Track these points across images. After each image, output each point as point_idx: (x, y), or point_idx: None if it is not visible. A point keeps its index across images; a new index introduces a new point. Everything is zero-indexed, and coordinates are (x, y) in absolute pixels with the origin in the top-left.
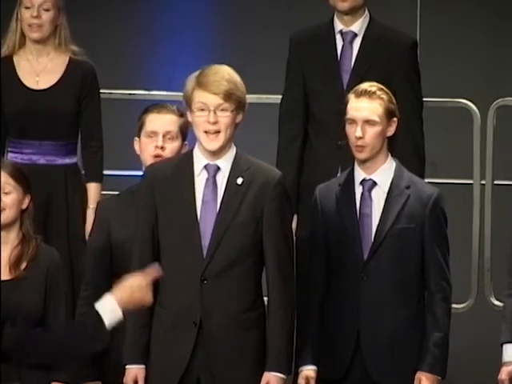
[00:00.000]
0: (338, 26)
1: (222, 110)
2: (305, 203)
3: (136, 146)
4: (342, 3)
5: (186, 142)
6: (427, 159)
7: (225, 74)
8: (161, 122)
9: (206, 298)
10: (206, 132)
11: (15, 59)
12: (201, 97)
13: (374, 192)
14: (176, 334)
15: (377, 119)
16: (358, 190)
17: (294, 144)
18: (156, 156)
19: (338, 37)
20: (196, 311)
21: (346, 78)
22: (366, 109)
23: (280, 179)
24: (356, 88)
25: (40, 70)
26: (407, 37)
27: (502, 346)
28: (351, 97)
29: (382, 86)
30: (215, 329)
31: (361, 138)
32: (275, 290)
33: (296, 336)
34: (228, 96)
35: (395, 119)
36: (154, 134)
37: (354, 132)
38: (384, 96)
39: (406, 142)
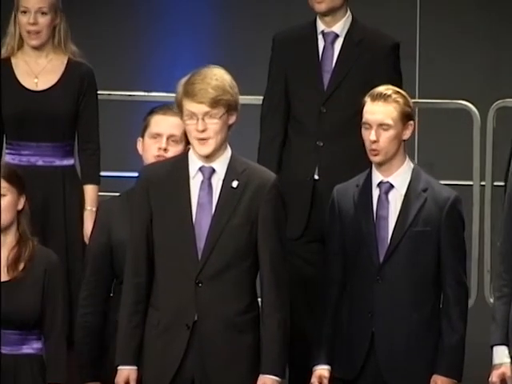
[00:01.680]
0: (320, 26)
1: (211, 116)
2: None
3: (139, 146)
4: (319, 5)
5: (190, 146)
6: (427, 160)
7: (212, 80)
8: (166, 125)
9: (200, 301)
10: (197, 139)
11: (13, 61)
12: (188, 106)
13: (390, 195)
14: (169, 336)
15: (391, 123)
16: (375, 192)
17: (275, 143)
18: (158, 157)
19: (320, 37)
20: (190, 314)
21: (327, 78)
22: (381, 112)
23: (275, 182)
24: (372, 91)
25: (39, 71)
26: (389, 39)
27: (492, 348)
28: (367, 100)
29: (399, 89)
30: (209, 331)
31: (375, 141)
32: (270, 293)
33: (291, 338)
34: (215, 103)
35: (412, 122)
36: (158, 135)
37: (368, 135)
38: (400, 99)
39: None
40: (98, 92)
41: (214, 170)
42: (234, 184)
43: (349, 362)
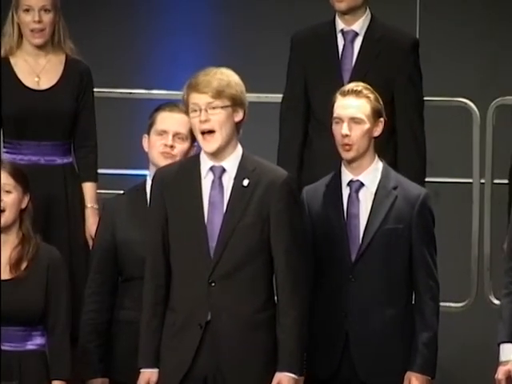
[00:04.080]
0: (340, 25)
1: (213, 107)
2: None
3: (144, 143)
4: (339, 3)
5: (196, 144)
6: (427, 158)
7: (216, 74)
8: (172, 122)
9: (213, 300)
10: (202, 133)
11: (12, 60)
12: (193, 98)
13: (361, 193)
14: (182, 336)
15: (363, 117)
16: (346, 191)
17: (295, 142)
18: (164, 153)
19: (339, 36)
20: (204, 313)
21: (346, 77)
22: (353, 107)
23: (287, 179)
24: (342, 88)
25: (39, 70)
26: (409, 36)
27: (498, 345)
28: (338, 96)
29: (368, 86)
30: (223, 330)
31: (347, 135)
32: (286, 290)
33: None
34: (218, 93)
35: (382, 120)
36: (164, 132)
37: (340, 130)
38: (370, 95)
39: (408, 142)
40: (99, 90)
41: (224, 169)
42: (245, 182)
43: (324, 362)
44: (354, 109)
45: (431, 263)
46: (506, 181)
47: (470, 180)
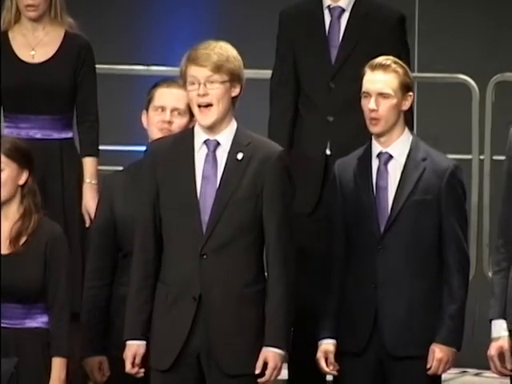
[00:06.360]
0: (326, 1)
1: (212, 82)
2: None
3: (143, 119)
4: None
5: (194, 119)
6: (426, 134)
7: (216, 48)
8: (169, 97)
9: (205, 273)
10: (199, 106)
11: (10, 34)
12: (191, 70)
13: (390, 165)
14: (176, 309)
15: (391, 92)
16: (375, 163)
17: (285, 118)
18: (163, 129)
19: (326, 12)
20: (195, 286)
21: (334, 53)
22: (381, 81)
23: (281, 154)
24: (371, 62)
25: (35, 43)
26: (395, 12)
27: (490, 322)
28: (367, 70)
29: (398, 60)
30: (215, 304)
31: (374, 110)
32: (275, 266)
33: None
34: (217, 68)
35: (411, 94)
36: (162, 108)
37: (367, 104)
38: (399, 69)
39: None
40: (99, 66)
41: (218, 143)
42: (239, 156)
43: (354, 335)
44: (381, 83)
45: (461, 236)
46: (505, 157)
47: (470, 156)
